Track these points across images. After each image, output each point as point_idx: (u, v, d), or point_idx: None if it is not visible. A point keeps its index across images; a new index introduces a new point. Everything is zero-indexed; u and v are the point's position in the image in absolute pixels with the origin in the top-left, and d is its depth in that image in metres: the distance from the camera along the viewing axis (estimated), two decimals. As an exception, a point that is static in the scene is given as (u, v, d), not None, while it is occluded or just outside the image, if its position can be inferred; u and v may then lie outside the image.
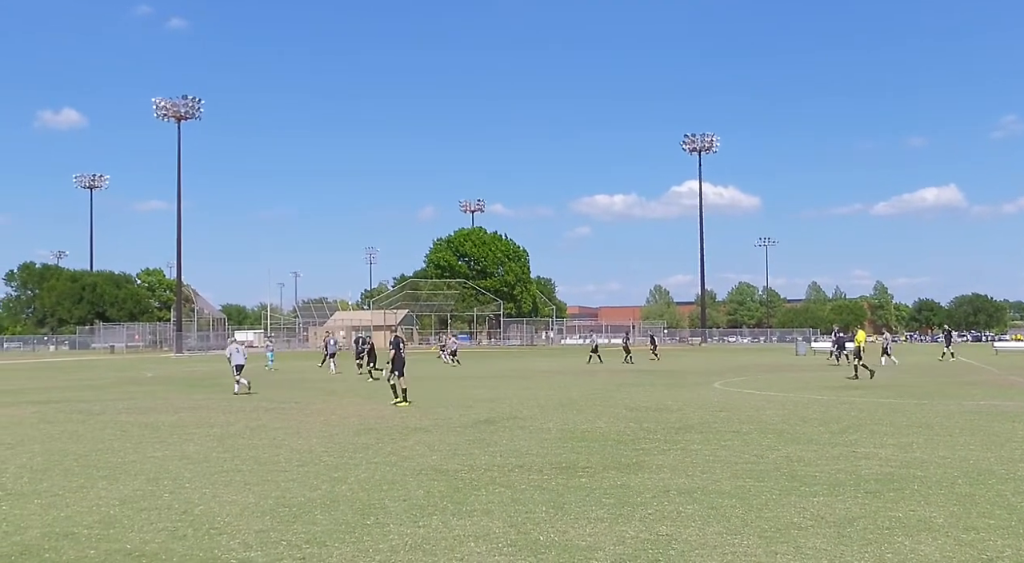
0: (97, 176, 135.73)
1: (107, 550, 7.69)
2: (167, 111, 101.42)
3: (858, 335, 33.60)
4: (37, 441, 15.61)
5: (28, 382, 36.81)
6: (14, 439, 15.94)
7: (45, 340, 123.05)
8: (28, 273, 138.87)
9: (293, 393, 27.21)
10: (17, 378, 40.44)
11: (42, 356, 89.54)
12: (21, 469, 12.36)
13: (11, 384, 34.86)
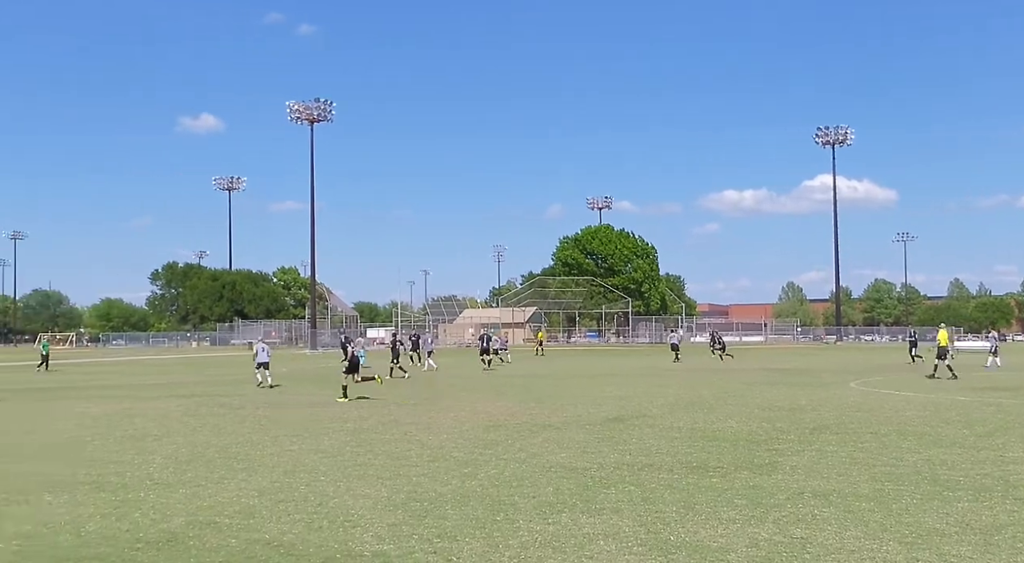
0: (235, 178, 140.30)
1: (247, 539, 7.94)
2: (300, 114, 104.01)
3: (940, 335, 32.45)
4: (181, 433, 16.24)
5: (172, 377, 38.30)
6: (160, 431, 16.61)
7: (188, 336, 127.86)
8: (172, 272, 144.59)
9: (424, 390, 27.61)
10: (162, 373, 42.12)
11: (185, 352, 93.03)
12: (167, 460, 12.87)
13: (157, 378, 36.32)
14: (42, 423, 18.33)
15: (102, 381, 35.52)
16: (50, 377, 39.19)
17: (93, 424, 18.05)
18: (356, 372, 24.22)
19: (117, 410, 21.15)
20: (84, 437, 15.82)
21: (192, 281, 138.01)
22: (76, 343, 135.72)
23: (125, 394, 26.97)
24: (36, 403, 23.57)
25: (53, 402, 23.89)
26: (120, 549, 7.68)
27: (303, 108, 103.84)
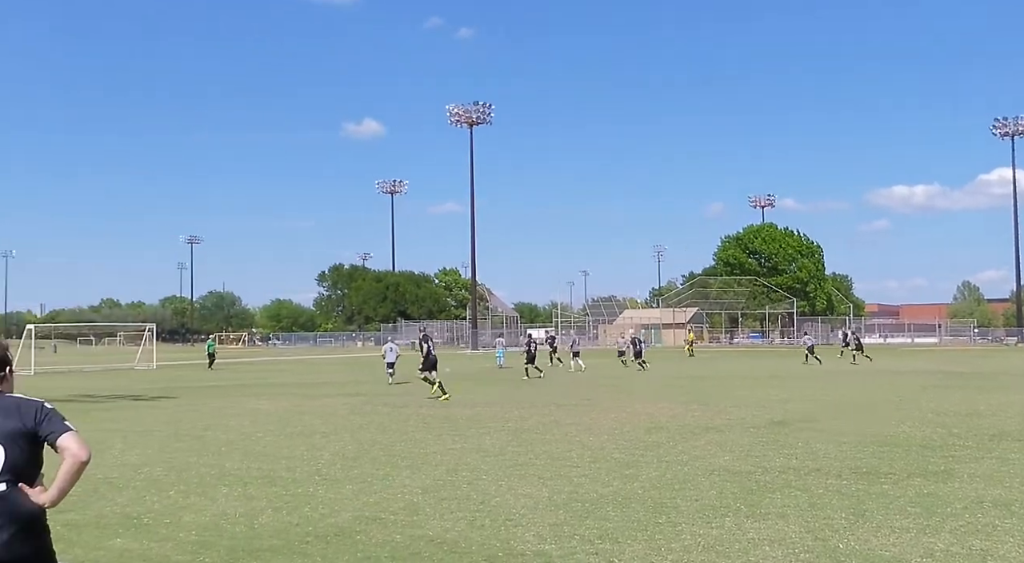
0: (397, 181, 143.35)
1: (411, 535, 8.11)
2: (460, 117, 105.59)
3: None
4: (348, 431, 16.72)
5: (339, 375, 39.50)
6: (328, 428, 17.14)
7: (353, 336, 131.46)
8: (338, 274, 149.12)
9: (584, 390, 27.64)
10: (329, 371, 43.47)
11: (350, 351, 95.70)
12: (335, 456, 13.27)
13: (325, 377, 37.51)
14: (218, 419, 19.16)
15: (272, 379, 36.94)
16: (223, 375, 41.00)
17: (265, 420, 18.78)
18: (434, 370, 24.94)
19: (287, 407, 21.95)
20: (256, 433, 16.47)
21: (357, 282, 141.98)
22: (248, 343, 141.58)
23: (294, 392, 27.97)
24: (212, 400, 24.67)
25: (227, 399, 24.97)
26: (291, 542, 7.96)
27: (463, 111, 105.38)
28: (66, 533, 8.03)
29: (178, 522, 8.81)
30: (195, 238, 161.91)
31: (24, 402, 3.86)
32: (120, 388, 31.45)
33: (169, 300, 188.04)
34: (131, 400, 25.40)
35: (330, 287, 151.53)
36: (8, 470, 3.68)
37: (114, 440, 15.13)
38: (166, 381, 36.26)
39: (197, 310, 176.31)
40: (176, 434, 16.44)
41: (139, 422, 18.81)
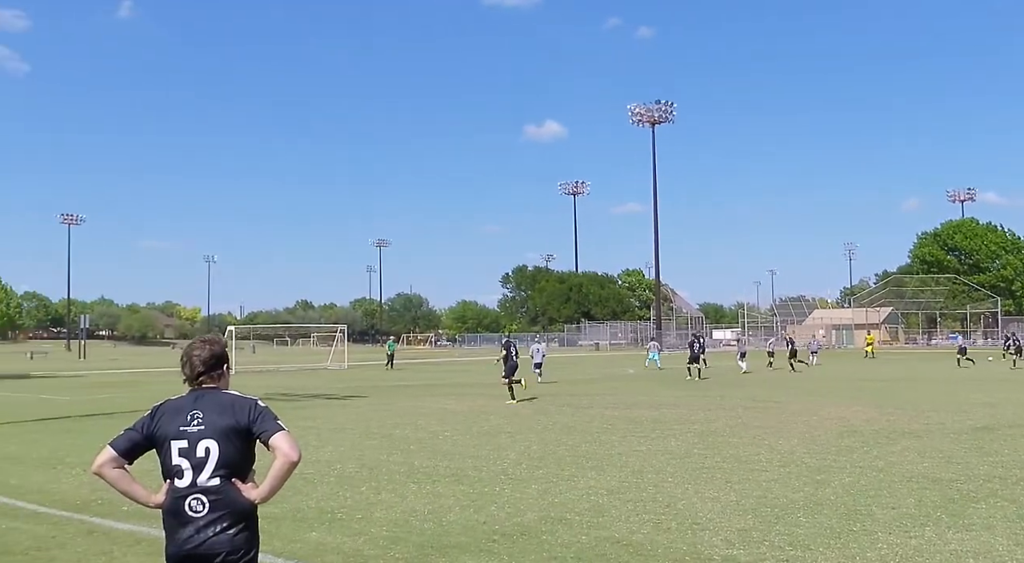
0: (579, 183, 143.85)
1: (597, 537, 8.11)
2: (641, 116, 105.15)
3: None
4: (533, 431, 16.87)
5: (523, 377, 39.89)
6: (513, 429, 17.35)
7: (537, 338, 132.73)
8: (521, 276, 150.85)
9: (773, 392, 27.00)
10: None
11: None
12: (520, 456, 13.42)
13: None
14: (406, 418, 19.67)
15: (458, 379, 37.67)
16: (405, 375, 42.09)
17: (452, 420, 19.17)
18: (513, 374, 25.19)
19: (473, 407, 22.33)
20: (444, 432, 16.83)
21: (540, 284, 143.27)
22: (434, 344, 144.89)
23: (479, 392, 28.44)
24: (400, 400, 25.34)
25: (415, 399, 25.59)
26: (478, 539, 8.09)
27: (644, 110, 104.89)
28: (266, 526, 8.37)
29: (370, 517, 9.09)
30: (383, 241, 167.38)
31: (239, 399, 4.00)
32: (314, 387, 32.75)
33: (359, 302, 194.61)
34: (324, 399, 26.40)
35: (514, 288, 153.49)
36: (222, 465, 3.84)
37: (309, 437, 15.77)
38: (357, 380, 37.50)
39: (386, 312, 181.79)
40: (367, 432, 16.98)
41: (332, 420, 19.53)
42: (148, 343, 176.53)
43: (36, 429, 18.47)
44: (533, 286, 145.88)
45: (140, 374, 47.20)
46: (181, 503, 3.84)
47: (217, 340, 4.28)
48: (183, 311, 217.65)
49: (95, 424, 19.38)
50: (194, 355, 4.10)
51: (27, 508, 9.90)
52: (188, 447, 3.86)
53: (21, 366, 63.78)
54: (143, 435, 3.98)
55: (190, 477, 3.85)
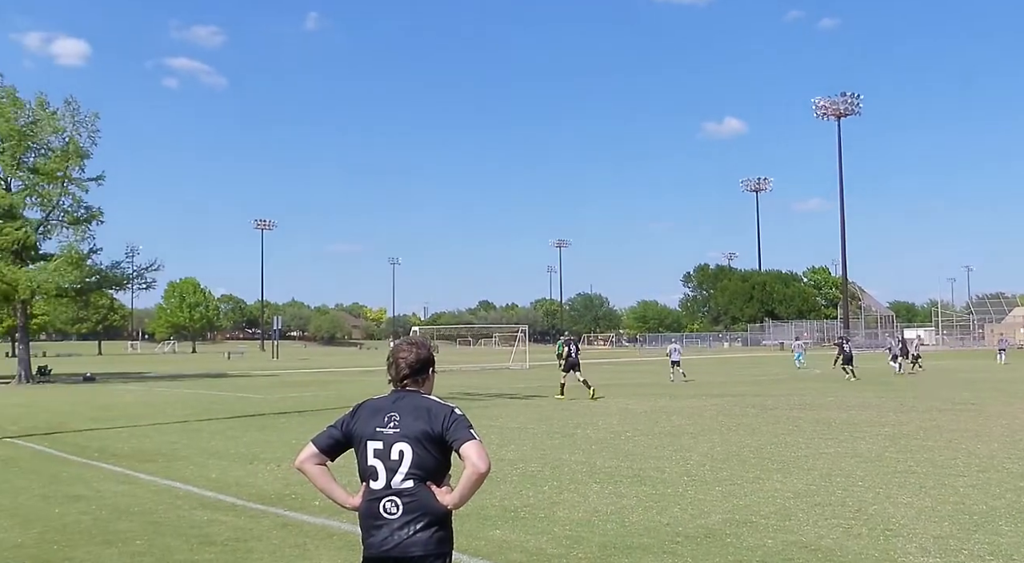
0: (761, 179, 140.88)
1: (784, 541, 7.95)
2: (826, 110, 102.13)
3: None
4: (716, 432, 16.66)
5: (706, 376, 39.43)
6: (696, 429, 17.17)
7: (719, 337, 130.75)
8: (703, 274, 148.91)
9: (968, 393, 25.79)
10: (696, 372, 43.47)
11: (717, 352, 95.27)
12: (703, 457, 13.28)
13: (691, 378, 37.54)
14: (587, 418, 19.74)
15: (639, 379, 37.52)
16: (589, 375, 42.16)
17: (633, 420, 19.13)
18: (575, 370, 26.50)
19: (654, 407, 22.21)
20: (625, 432, 16.81)
21: (723, 282, 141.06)
22: (614, 343, 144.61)
23: (661, 392, 28.25)
24: (583, 400, 25.42)
25: (596, 399, 25.61)
26: (661, 541, 8.06)
27: (829, 103, 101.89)
28: (451, 522, 8.61)
29: (552, 516, 9.19)
30: (563, 242, 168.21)
31: (435, 406, 4.01)
32: (496, 386, 33.27)
33: (540, 302, 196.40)
34: (506, 398, 26.77)
35: (695, 287, 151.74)
36: (415, 468, 3.89)
37: (491, 436, 16.04)
38: (538, 380, 37.88)
39: (566, 311, 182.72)
40: (549, 432, 17.14)
41: (514, 419, 19.79)
42: (336, 343, 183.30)
43: (234, 426, 19.46)
44: (715, 285, 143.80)
45: (330, 374, 49.02)
46: (376, 505, 3.92)
47: (424, 344, 4.30)
48: (369, 312, 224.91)
49: (288, 422, 20.27)
50: (400, 357, 4.15)
51: (226, 501, 10.46)
52: (383, 449, 3.93)
53: (219, 366, 67.25)
54: (343, 433, 4.07)
55: (384, 479, 3.92)
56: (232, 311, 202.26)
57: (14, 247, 42.17)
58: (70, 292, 45.71)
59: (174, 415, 22.29)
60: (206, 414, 22.45)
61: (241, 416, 21.84)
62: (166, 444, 16.21)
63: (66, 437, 17.81)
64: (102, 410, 24.50)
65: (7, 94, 43.46)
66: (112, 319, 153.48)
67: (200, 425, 19.69)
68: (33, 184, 43.31)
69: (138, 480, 12.13)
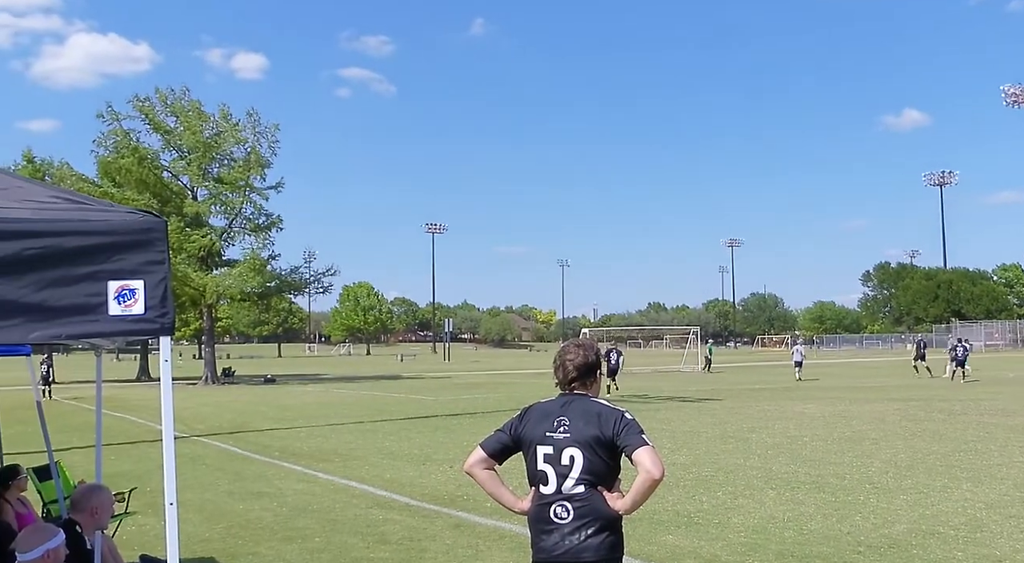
0: (946, 173, 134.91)
1: (975, 554, 7.58)
2: (1017, 98, 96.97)
3: None
4: (900, 437, 16.03)
5: (889, 379, 38.02)
6: (878, 434, 16.57)
7: (901, 338, 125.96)
8: (884, 273, 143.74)
9: None
10: (878, 375, 42.04)
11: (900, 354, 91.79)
12: (886, 465, 12.79)
13: (873, 381, 36.34)
14: (763, 422, 19.33)
15: (820, 383, 36.45)
16: (748, 378, 41.26)
17: (810, 424, 18.61)
18: (613, 377, 29.18)
19: (833, 412, 21.55)
20: (803, 437, 16.38)
21: (905, 281, 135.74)
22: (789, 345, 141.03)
23: (840, 396, 27.40)
24: (756, 403, 24.93)
25: (772, 402, 25.07)
26: (840, 550, 7.81)
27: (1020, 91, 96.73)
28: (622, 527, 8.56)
29: (727, 522, 9.03)
30: (735, 241, 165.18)
31: (606, 410, 3.95)
32: (668, 389, 32.95)
33: (712, 303, 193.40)
34: (678, 401, 26.48)
35: (875, 287, 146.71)
36: (586, 473, 3.85)
37: (663, 440, 15.89)
38: (711, 383, 37.32)
39: (739, 312, 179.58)
40: (722, 436, 16.87)
41: (686, 423, 19.56)
42: (507, 346, 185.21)
43: (407, 427, 19.91)
44: (897, 284, 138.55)
45: (500, 375, 49.62)
46: (546, 510, 3.91)
47: (591, 346, 4.25)
48: (539, 314, 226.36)
49: (460, 423, 20.60)
50: (567, 360, 4.11)
51: (400, 500, 10.71)
52: (553, 453, 3.91)
53: (392, 368, 69.04)
54: (511, 437, 4.06)
55: (555, 484, 3.90)
56: (404, 314, 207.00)
57: (201, 253, 44.44)
58: (252, 296, 47.84)
59: (350, 416, 22.99)
60: (380, 415, 23.06)
61: (414, 417, 22.33)
62: (343, 444, 16.73)
63: (249, 436, 18.61)
64: (282, 410, 25.50)
65: (193, 108, 45.85)
66: (291, 322, 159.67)
67: (375, 426, 20.24)
68: (217, 193, 45.53)
69: (316, 479, 12.57)
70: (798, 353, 40.03)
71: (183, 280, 41.71)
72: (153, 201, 42.80)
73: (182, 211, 44.29)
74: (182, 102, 45.71)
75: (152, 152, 44.99)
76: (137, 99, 44.46)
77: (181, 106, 45.49)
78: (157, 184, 44.81)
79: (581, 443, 3.87)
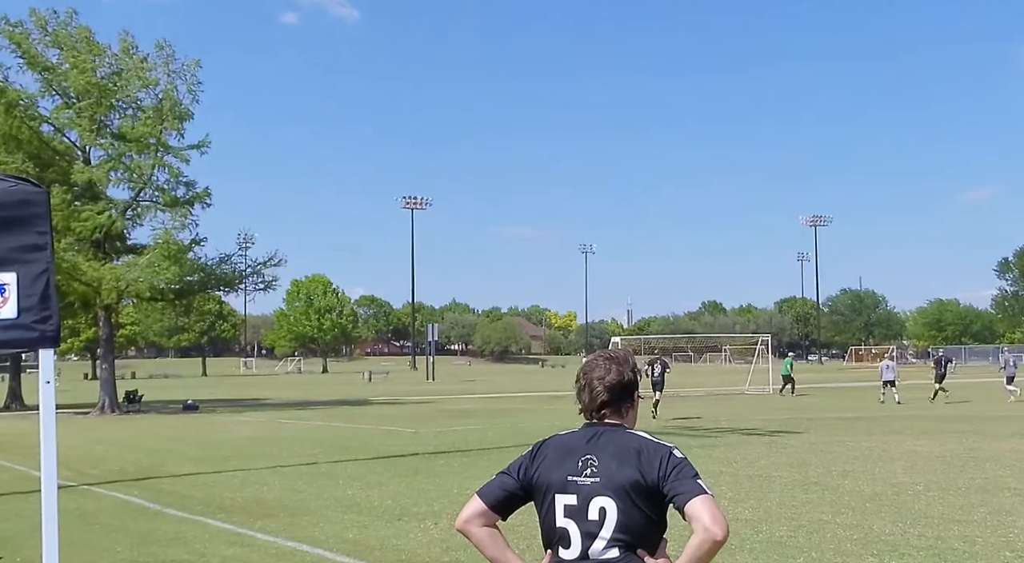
0: None
1: None
2: None
3: None
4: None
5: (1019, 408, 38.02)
6: (1021, 483, 16.46)
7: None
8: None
9: None
10: (1015, 400, 42.03)
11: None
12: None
13: (1016, 409, 36.25)
14: (860, 464, 19.28)
15: (946, 411, 36.40)
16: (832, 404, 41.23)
17: (925, 467, 18.57)
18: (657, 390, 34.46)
19: (957, 449, 21.51)
20: (914, 484, 16.34)
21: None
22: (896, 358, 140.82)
23: (967, 428, 27.31)
24: (850, 437, 24.90)
25: (872, 436, 25.03)
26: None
27: None
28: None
29: (811, 600, 9.02)
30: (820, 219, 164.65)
31: (648, 445, 3.91)
32: (728, 418, 32.98)
33: (787, 302, 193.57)
34: (742, 434, 26.49)
35: (1016, 279, 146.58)
36: (621, 530, 3.79)
37: (722, 486, 15.88)
38: (788, 410, 37.32)
39: (826, 316, 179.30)
40: (803, 482, 16.85)
41: (753, 464, 19.54)
42: (511, 359, 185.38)
43: (378, 469, 19.92)
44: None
45: (503, 400, 49.66)
46: None
47: (627, 359, 4.18)
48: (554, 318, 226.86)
49: (448, 464, 20.61)
50: (595, 378, 4.05)
51: (368, 570, 10.71)
52: (577, 505, 3.86)
53: (358, 390, 69.09)
54: (520, 482, 4.02)
55: (579, 546, 3.85)
56: (374, 318, 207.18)
57: (95, 236, 43.91)
58: (167, 294, 47.48)
59: (301, 455, 23.01)
60: (342, 454, 23.07)
61: (387, 456, 22.34)
62: (290, 493, 16.74)
63: (162, 484, 18.64)
64: (208, 449, 25.52)
65: (82, 37, 44.91)
66: (220, 329, 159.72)
67: (334, 468, 20.24)
68: (118, 154, 44.85)
69: (254, 541, 12.57)
70: (889, 370, 42.07)
71: (71, 272, 41.23)
72: (29, 164, 42.38)
73: (69, 179, 43.44)
74: (67, 29, 44.65)
75: (27, 97, 43.94)
76: (6, 23, 43.17)
77: (66, 35, 44.38)
78: (34, 141, 43.88)
79: (614, 490, 3.82)
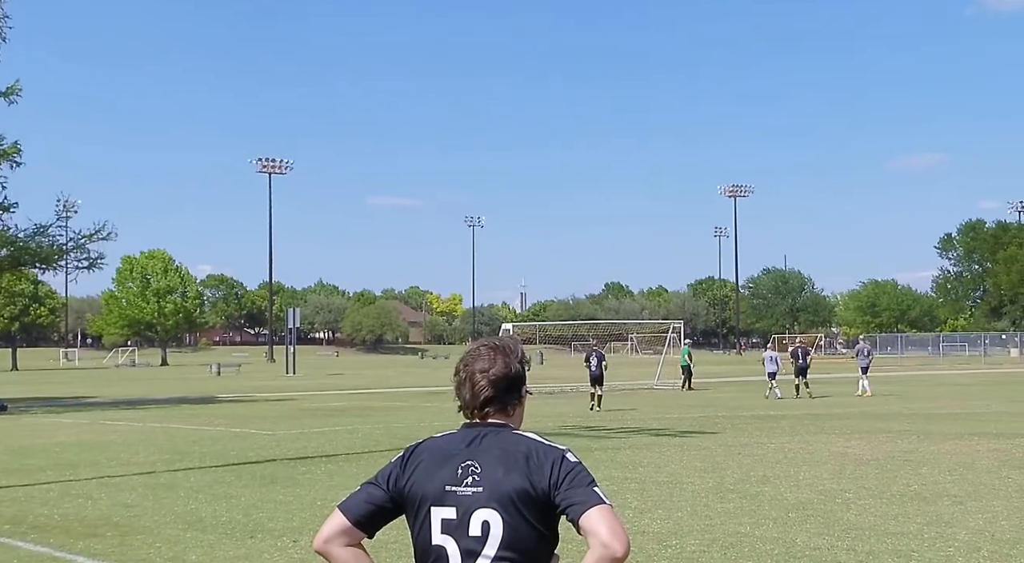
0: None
1: None
2: None
3: None
4: (997, 495, 16.22)
5: (981, 402, 38.76)
6: (961, 490, 16.72)
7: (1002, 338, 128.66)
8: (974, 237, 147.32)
9: None
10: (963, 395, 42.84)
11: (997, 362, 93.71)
12: (976, 537, 12.89)
13: (953, 405, 36.94)
14: (779, 468, 19.51)
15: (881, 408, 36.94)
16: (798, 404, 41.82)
17: (855, 472, 18.86)
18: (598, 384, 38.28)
19: (891, 452, 21.82)
20: (843, 491, 16.59)
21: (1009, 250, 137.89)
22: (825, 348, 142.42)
23: (903, 428, 27.70)
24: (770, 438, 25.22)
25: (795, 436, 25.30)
26: None
27: None
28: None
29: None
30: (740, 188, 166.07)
31: (538, 448, 3.88)
32: (633, 417, 33.22)
33: (703, 284, 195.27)
34: (649, 436, 26.72)
35: (960, 259, 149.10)
36: (506, 547, 3.77)
37: (628, 495, 15.99)
38: (700, 407, 37.71)
39: (746, 299, 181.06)
40: (718, 489, 17.05)
41: (662, 469, 19.73)
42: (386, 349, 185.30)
43: (227, 478, 19.76)
44: (994, 255, 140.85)
45: (375, 396, 49.66)
46: None
47: (514, 348, 4.14)
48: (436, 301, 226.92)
49: (310, 472, 20.52)
50: (478, 371, 4.02)
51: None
52: (456, 519, 3.83)
53: (204, 385, 68.55)
54: (389, 493, 3.99)
55: None
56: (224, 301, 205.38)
57: None
58: (-33, 273, 46.57)
59: (133, 463, 22.72)
60: (183, 461, 22.84)
61: (238, 463, 22.18)
62: (120, 509, 16.53)
63: (-38, 498, 18.31)
64: (18, 457, 25.07)
65: None
66: (35, 314, 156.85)
67: (174, 478, 20.05)
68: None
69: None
70: (771, 362, 44.10)
71: None
72: None
73: None
74: None
75: None
76: None
77: None
78: None
79: (499, 501, 3.80)
